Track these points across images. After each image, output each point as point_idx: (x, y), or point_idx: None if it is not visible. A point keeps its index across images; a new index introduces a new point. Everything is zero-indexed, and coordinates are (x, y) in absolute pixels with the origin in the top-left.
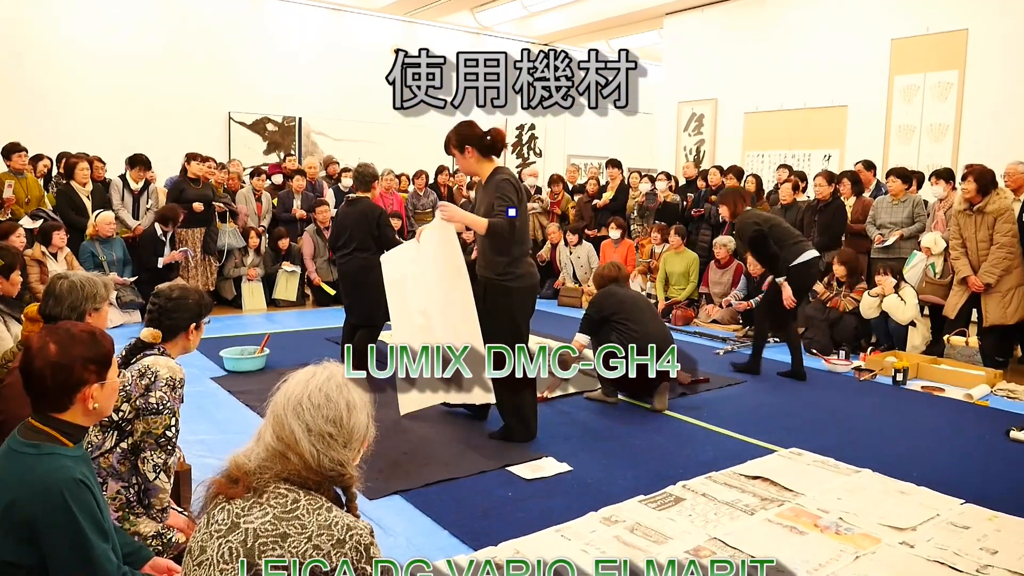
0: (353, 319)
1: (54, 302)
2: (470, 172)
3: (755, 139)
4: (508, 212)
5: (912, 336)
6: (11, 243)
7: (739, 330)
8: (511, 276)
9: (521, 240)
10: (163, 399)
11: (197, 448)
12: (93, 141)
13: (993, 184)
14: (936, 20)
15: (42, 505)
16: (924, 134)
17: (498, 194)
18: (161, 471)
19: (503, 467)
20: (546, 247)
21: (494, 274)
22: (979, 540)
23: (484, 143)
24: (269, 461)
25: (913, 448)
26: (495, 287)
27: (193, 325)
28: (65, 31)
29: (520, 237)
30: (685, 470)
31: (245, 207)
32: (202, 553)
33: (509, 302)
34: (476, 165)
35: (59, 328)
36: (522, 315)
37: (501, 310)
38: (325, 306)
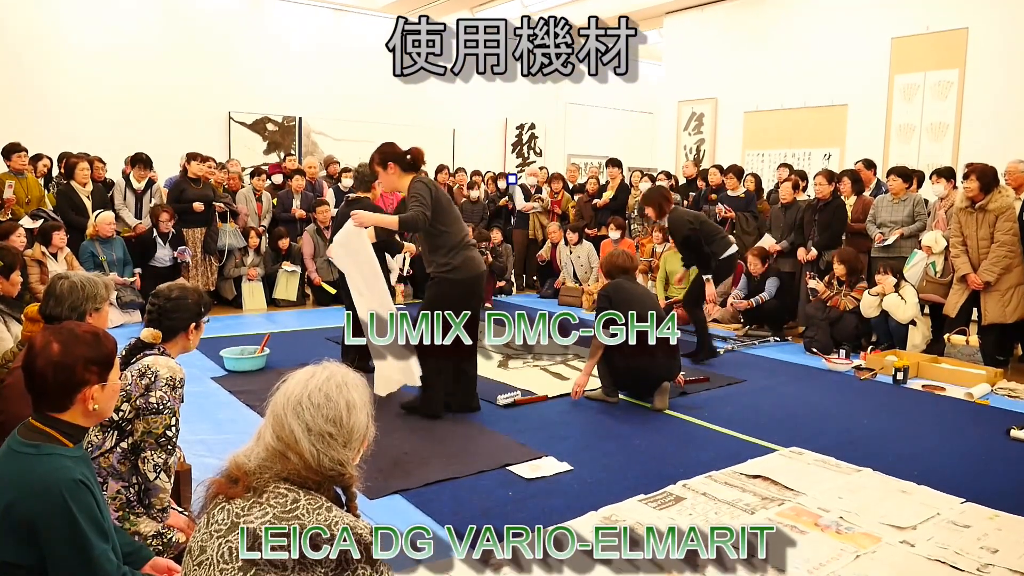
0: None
1: (55, 302)
2: (392, 187)
3: (755, 138)
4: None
5: (912, 335)
6: (11, 243)
7: (739, 329)
8: (448, 267)
9: (450, 232)
10: (163, 399)
11: (197, 448)
12: (93, 141)
13: (995, 182)
14: (936, 19)
15: (42, 505)
16: (924, 133)
17: (411, 194)
18: (161, 471)
19: (503, 467)
20: (546, 246)
21: (434, 269)
22: (980, 539)
23: (405, 161)
24: (269, 461)
25: (913, 447)
26: (436, 281)
27: (193, 325)
28: (65, 31)
29: (448, 229)
30: (685, 469)
31: (245, 207)
32: (202, 553)
33: (449, 293)
34: (397, 180)
35: (63, 328)
36: (462, 304)
37: (442, 301)
38: (325, 306)
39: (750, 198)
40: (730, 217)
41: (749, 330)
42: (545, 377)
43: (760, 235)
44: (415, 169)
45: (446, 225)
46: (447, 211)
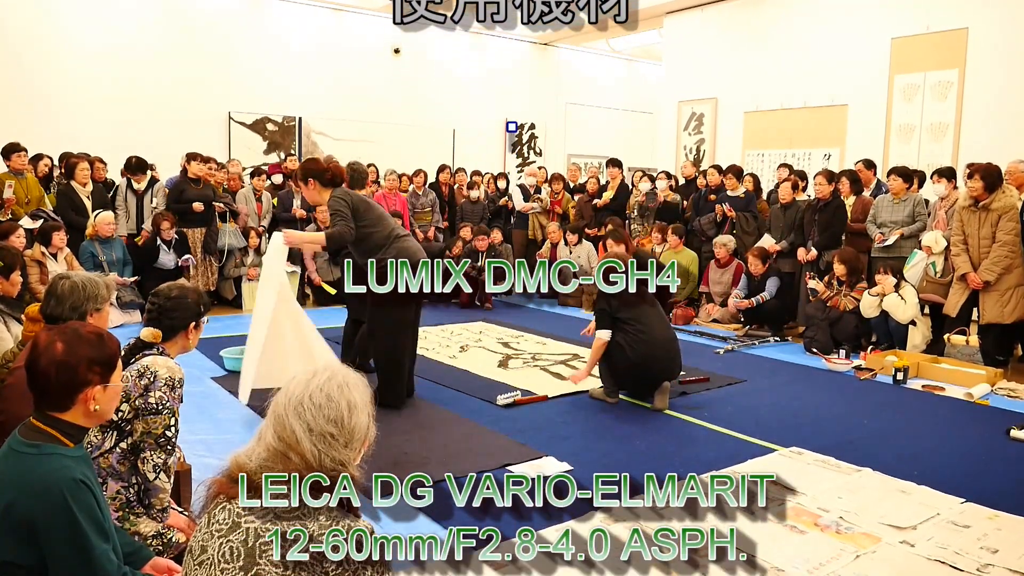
0: (354, 315)
1: (55, 302)
2: (314, 202)
3: (755, 138)
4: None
5: (912, 335)
6: (11, 243)
7: (739, 329)
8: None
9: (377, 230)
10: (162, 399)
11: (197, 448)
12: (93, 141)
13: (999, 181)
14: (936, 19)
15: (42, 505)
16: (924, 133)
17: (331, 211)
18: (161, 471)
19: (503, 467)
20: (546, 246)
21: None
22: (979, 539)
23: (324, 177)
24: (270, 461)
25: (913, 447)
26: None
27: (192, 324)
28: (65, 31)
29: (373, 229)
30: (685, 469)
31: (245, 207)
32: (203, 552)
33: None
34: (318, 195)
35: (67, 328)
36: (407, 297)
37: (386, 297)
38: (325, 306)
39: (749, 198)
40: (732, 217)
41: (749, 330)
42: (545, 377)
43: (760, 235)
44: (335, 184)
45: (371, 226)
46: (368, 213)
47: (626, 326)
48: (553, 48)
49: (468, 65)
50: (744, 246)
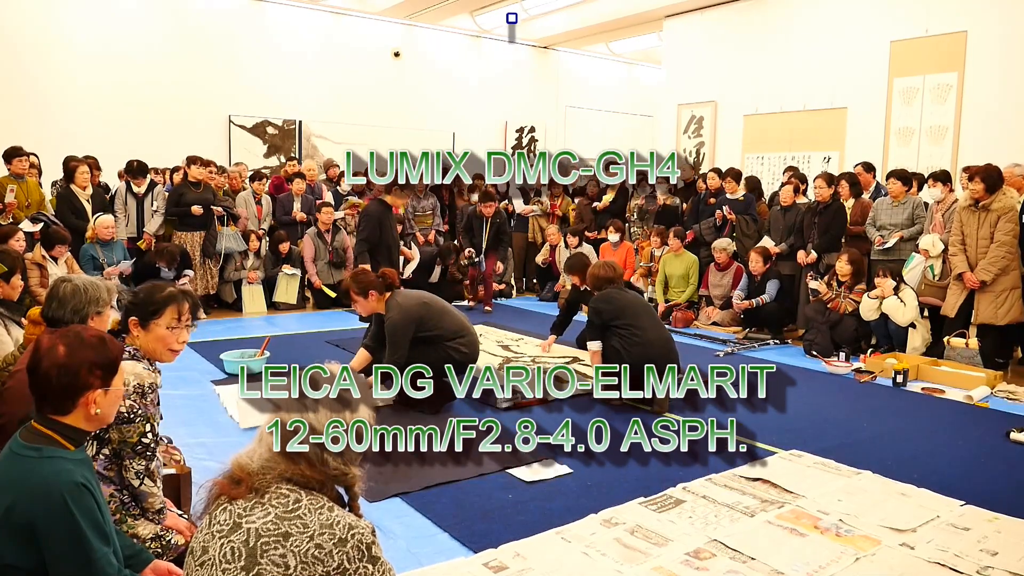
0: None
1: (57, 305)
2: (373, 311)
3: (755, 141)
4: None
5: (912, 338)
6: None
7: (739, 332)
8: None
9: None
10: (133, 407)
11: (197, 451)
12: (93, 143)
13: (1000, 182)
14: (935, 22)
15: (43, 508)
16: (923, 136)
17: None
18: (144, 476)
19: (503, 469)
20: (545, 249)
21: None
22: (979, 542)
23: (381, 286)
24: (272, 461)
25: (913, 450)
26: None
27: (173, 315)
28: (65, 32)
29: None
30: (685, 472)
31: (245, 211)
32: (204, 553)
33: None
34: (377, 304)
35: (69, 331)
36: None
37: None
38: (325, 309)
39: (749, 201)
40: (732, 220)
41: (749, 333)
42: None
43: (759, 238)
44: (390, 289)
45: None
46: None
47: (620, 331)
48: (553, 51)
49: (468, 68)
50: (744, 249)
